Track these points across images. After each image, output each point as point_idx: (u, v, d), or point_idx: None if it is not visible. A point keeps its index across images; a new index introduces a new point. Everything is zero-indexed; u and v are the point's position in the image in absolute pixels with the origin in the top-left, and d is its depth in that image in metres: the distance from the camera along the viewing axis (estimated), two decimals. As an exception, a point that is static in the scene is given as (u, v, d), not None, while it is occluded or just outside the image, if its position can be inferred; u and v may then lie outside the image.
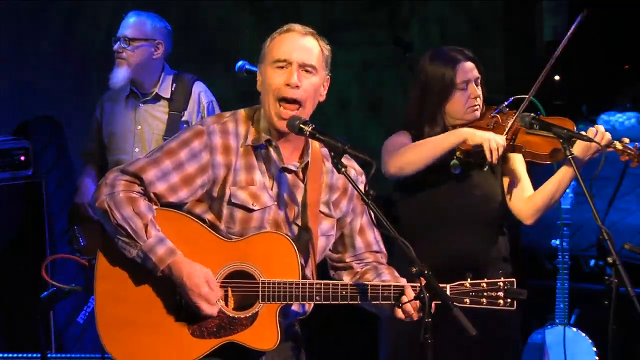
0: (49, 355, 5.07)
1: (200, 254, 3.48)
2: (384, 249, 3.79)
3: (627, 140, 4.24)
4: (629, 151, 4.20)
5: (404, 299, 3.50)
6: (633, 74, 7.99)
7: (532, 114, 4.27)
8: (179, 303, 3.48)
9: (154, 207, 3.49)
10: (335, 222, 3.69)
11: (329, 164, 3.64)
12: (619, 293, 3.87)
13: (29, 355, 5.16)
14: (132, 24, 5.49)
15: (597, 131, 4.24)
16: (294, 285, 3.50)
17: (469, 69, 4.36)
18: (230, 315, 3.50)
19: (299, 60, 3.53)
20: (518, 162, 4.48)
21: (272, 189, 3.57)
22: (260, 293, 3.49)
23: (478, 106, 4.36)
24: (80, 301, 6.10)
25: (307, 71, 3.54)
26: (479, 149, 4.22)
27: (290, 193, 3.59)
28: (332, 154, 3.50)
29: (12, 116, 6.43)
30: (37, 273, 5.73)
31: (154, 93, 5.53)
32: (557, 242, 6.19)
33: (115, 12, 5.79)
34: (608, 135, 4.23)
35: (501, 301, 3.55)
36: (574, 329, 6.16)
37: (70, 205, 5.66)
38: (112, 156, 5.58)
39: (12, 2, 6.58)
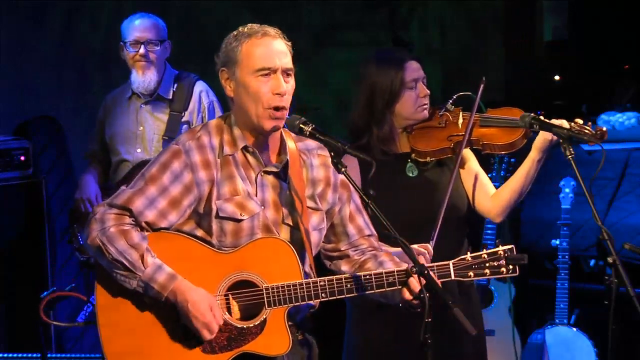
0: (49, 355, 5.07)
1: (198, 270, 3.46)
2: (374, 231, 3.79)
3: (580, 120, 4.21)
4: (585, 130, 4.18)
5: (412, 280, 3.49)
6: (633, 74, 8.00)
7: (532, 114, 4.26)
8: (184, 322, 3.46)
9: (146, 233, 3.48)
10: (324, 215, 3.67)
11: (306, 159, 3.65)
12: (619, 293, 3.87)
13: (29, 355, 5.16)
14: (150, 26, 5.44)
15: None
16: (297, 286, 3.49)
17: (416, 67, 4.32)
18: (239, 326, 3.48)
19: (282, 66, 3.52)
20: (471, 160, 4.45)
21: (256, 195, 3.56)
22: (265, 299, 3.48)
23: (427, 105, 4.33)
24: (80, 301, 6.10)
25: (287, 74, 3.54)
26: None
27: (274, 195, 3.58)
28: (332, 153, 3.50)
29: (12, 116, 6.43)
30: (37, 273, 5.74)
31: (156, 94, 5.53)
32: (557, 242, 6.20)
33: (115, 12, 5.80)
34: (565, 123, 4.16)
35: (504, 269, 3.60)
36: (574, 329, 6.17)
37: (72, 204, 5.66)
38: (115, 157, 5.58)
39: (12, 2, 6.58)
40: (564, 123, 4.17)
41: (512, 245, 3.64)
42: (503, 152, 4.36)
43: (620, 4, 7.92)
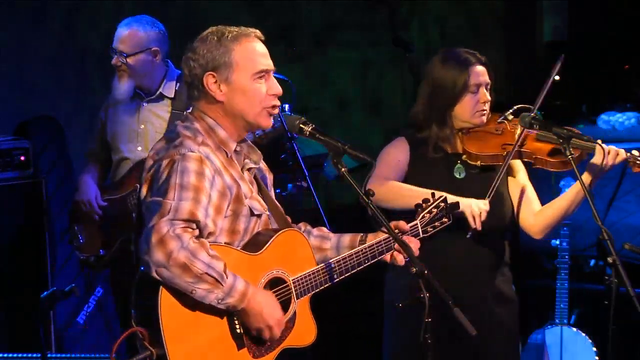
0: (49, 355, 5.06)
1: (240, 275, 3.45)
2: None
3: (636, 152, 4.19)
4: (638, 162, 4.18)
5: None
6: (633, 74, 7.99)
7: (532, 114, 4.26)
8: (238, 332, 3.46)
9: None
10: None
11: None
12: (619, 293, 3.87)
13: (29, 355, 5.15)
14: (125, 37, 5.40)
15: (608, 151, 4.17)
16: (316, 273, 3.59)
17: (481, 72, 4.33)
18: None
19: (273, 67, 3.57)
20: (522, 172, 4.45)
21: None
22: (294, 292, 3.54)
23: (486, 111, 4.34)
24: (80, 301, 6.10)
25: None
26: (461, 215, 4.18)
27: (256, 190, 3.64)
28: (332, 153, 3.52)
29: (12, 116, 6.43)
30: (37, 273, 5.74)
31: (158, 92, 5.53)
32: (557, 242, 6.20)
33: (115, 12, 5.80)
34: (622, 154, 4.18)
35: (445, 219, 3.88)
36: (574, 329, 6.17)
37: (71, 204, 5.66)
38: (116, 155, 5.57)
39: (12, 2, 6.58)
40: (622, 153, 4.15)
41: (444, 195, 3.90)
42: (553, 170, 4.33)
43: (620, 3, 7.92)
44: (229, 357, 3.45)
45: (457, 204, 3.94)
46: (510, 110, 4.39)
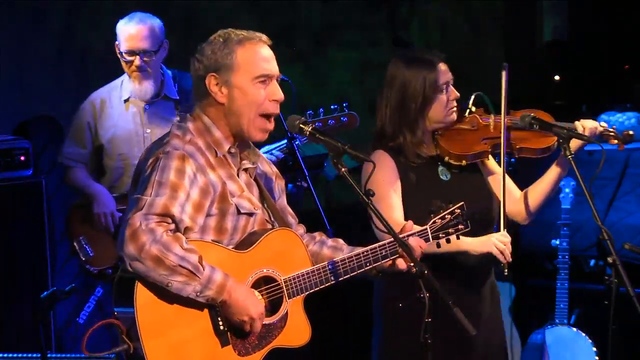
0: (49, 355, 5.06)
1: (224, 271, 3.45)
2: None
3: (605, 124, 4.23)
4: (610, 133, 4.21)
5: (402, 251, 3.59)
6: (633, 74, 8.00)
7: (532, 114, 4.26)
8: (221, 329, 3.46)
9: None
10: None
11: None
12: (619, 293, 3.88)
13: (29, 355, 5.15)
14: (146, 34, 5.30)
15: (582, 127, 4.22)
16: (310, 274, 3.57)
17: (446, 69, 4.25)
18: (266, 322, 3.52)
19: (277, 73, 3.58)
20: (493, 162, 4.42)
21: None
22: (285, 292, 3.54)
23: (456, 108, 4.27)
24: (80, 301, 6.10)
25: (277, 81, 3.60)
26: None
27: (253, 191, 3.63)
28: (332, 154, 3.52)
29: (12, 116, 6.43)
30: (37, 273, 5.74)
31: (162, 95, 5.46)
32: (557, 242, 6.20)
33: (115, 12, 5.79)
34: (590, 124, 4.23)
35: (461, 226, 3.81)
36: (574, 329, 6.17)
37: (67, 214, 5.60)
38: (115, 161, 5.47)
39: (12, 2, 6.58)
40: (598, 126, 4.17)
41: (462, 203, 3.81)
42: (539, 157, 4.32)
43: (620, 3, 7.93)
44: (211, 354, 3.45)
45: (473, 214, 3.88)
46: (470, 101, 4.34)
